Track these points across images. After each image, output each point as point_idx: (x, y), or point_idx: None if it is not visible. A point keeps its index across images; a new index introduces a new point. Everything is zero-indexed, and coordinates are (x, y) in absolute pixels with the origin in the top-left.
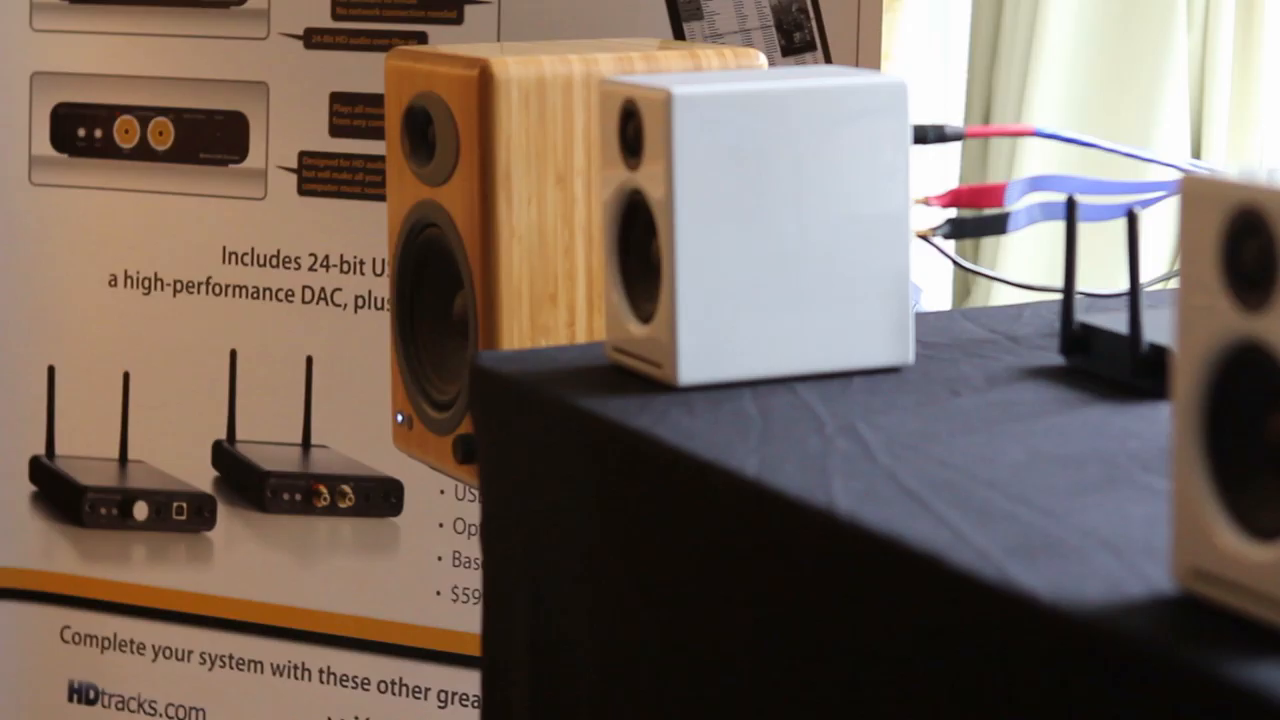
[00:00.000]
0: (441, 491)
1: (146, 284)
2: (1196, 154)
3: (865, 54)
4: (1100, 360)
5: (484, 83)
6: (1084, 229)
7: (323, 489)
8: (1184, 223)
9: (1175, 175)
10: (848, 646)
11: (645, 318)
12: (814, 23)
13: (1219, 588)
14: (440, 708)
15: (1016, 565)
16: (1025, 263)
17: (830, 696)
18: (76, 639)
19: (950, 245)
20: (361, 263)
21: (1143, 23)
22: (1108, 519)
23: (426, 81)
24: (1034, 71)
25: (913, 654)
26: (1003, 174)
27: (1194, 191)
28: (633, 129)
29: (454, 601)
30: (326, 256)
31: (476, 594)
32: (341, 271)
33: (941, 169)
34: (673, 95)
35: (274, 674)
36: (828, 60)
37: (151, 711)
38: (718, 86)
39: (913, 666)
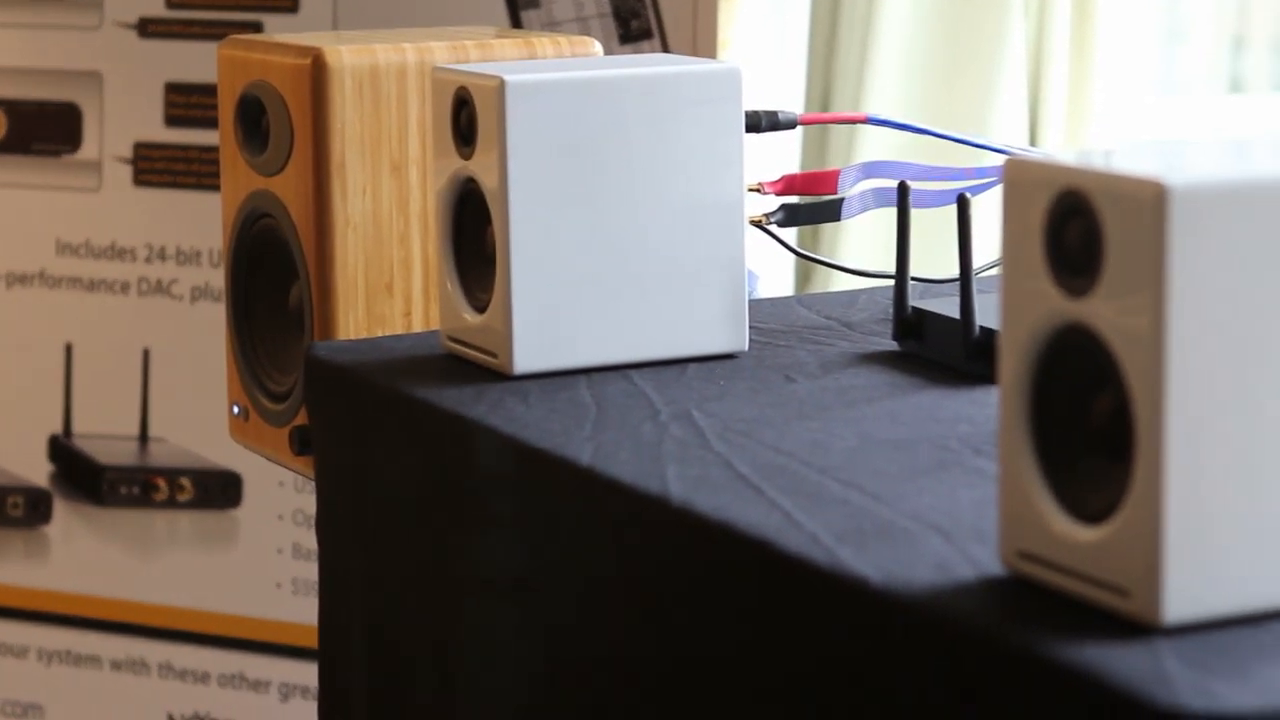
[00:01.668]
0: (280, 483)
1: None
2: (1033, 141)
3: (702, 42)
4: (933, 345)
5: (316, 71)
6: (920, 215)
7: (161, 482)
8: (1008, 206)
9: None
10: (682, 631)
11: (480, 307)
12: (651, 10)
13: (1046, 569)
14: (282, 701)
15: (847, 550)
16: (864, 248)
17: (664, 679)
18: None
19: (792, 232)
20: (198, 254)
21: (980, 10)
22: (938, 502)
23: (260, 71)
24: (872, 59)
25: (745, 638)
26: (842, 162)
27: (1017, 175)
28: (466, 117)
29: (294, 594)
30: (163, 248)
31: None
32: (178, 263)
33: (782, 157)
34: (505, 83)
35: (113, 669)
36: (665, 48)
37: None
38: (551, 74)
39: (745, 650)
